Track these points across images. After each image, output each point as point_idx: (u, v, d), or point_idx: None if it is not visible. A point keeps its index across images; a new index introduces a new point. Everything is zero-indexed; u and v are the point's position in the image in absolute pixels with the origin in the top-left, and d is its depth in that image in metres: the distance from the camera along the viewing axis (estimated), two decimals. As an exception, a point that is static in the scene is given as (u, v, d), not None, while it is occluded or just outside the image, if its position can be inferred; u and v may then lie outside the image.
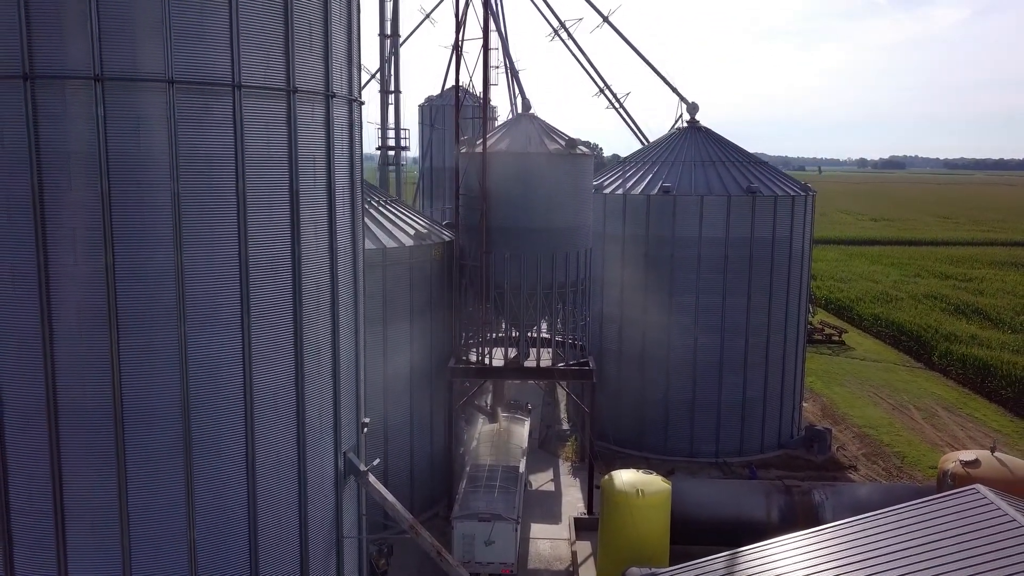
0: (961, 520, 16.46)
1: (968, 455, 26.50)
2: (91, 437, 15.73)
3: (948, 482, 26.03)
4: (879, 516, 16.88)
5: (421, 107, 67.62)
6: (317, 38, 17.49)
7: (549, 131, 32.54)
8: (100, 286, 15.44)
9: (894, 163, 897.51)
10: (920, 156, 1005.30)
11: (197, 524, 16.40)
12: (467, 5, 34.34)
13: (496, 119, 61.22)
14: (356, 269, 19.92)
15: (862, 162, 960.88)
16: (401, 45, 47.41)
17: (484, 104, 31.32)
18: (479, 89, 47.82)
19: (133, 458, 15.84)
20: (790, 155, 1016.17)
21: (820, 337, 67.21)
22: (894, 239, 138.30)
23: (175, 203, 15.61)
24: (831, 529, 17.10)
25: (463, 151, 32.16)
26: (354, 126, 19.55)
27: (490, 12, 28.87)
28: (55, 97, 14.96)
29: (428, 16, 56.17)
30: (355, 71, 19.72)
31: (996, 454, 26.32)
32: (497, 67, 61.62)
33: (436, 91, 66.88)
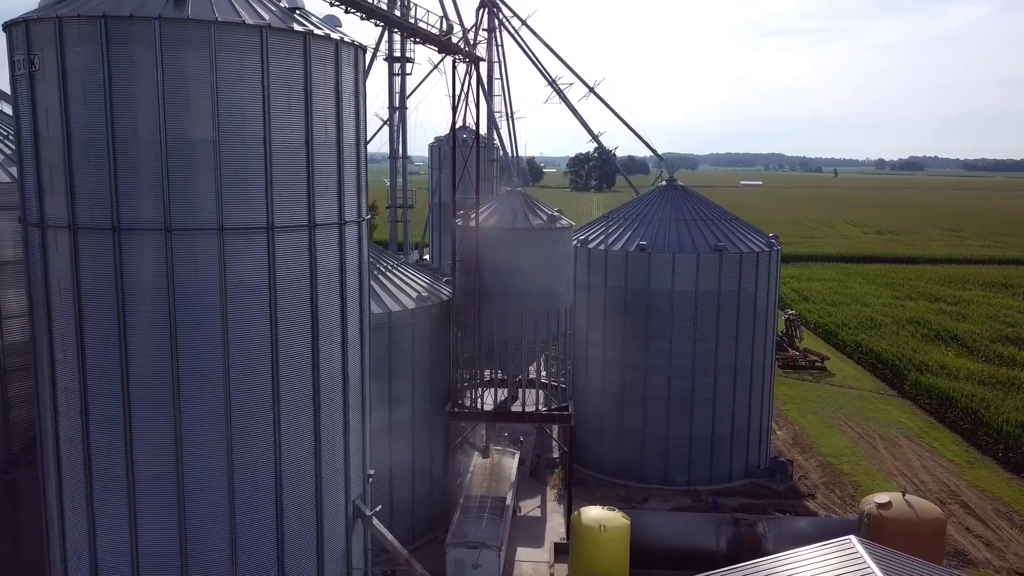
0: (830, 571, 20.97)
1: (882, 497, 31.01)
2: (158, 497, 20.71)
3: (864, 521, 30.60)
4: (765, 563, 21.39)
5: (431, 147, 72.60)
6: (332, 183, 22.35)
7: (533, 207, 37.37)
8: (167, 382, 20.40)
9: (912, 164, 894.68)
10: (939, 157, 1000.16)
11: (239, 562, 21.34)
12: (464, 90, 39.14)
13: (497, 161, 65.92)
14: (363, 355, 24.78)
15: (880, 163, 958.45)
16: (409, 96, 52.44)
17: (476, 194, 36.07)
18: (484, 126, 52.91)
19: (191, 513, 20.81)
20: (807, 155, 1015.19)
21: (804, 363, 71.48)
22: (894, 256, 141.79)
23: (223, 319, 20.55)
24: (723, 572, 21.60)
25: (459, 224, 37.06)
26: (362, 240, 24.41)
27: (494, 122, 33.49)
28: (135, 244, 19.93)
29: (436, 67, 60.92)
30: (363, 195, 24.52)
31: (906, 497, 30.85)
32: (500, 113, 66.72)
33: (445, 131, 71.82)
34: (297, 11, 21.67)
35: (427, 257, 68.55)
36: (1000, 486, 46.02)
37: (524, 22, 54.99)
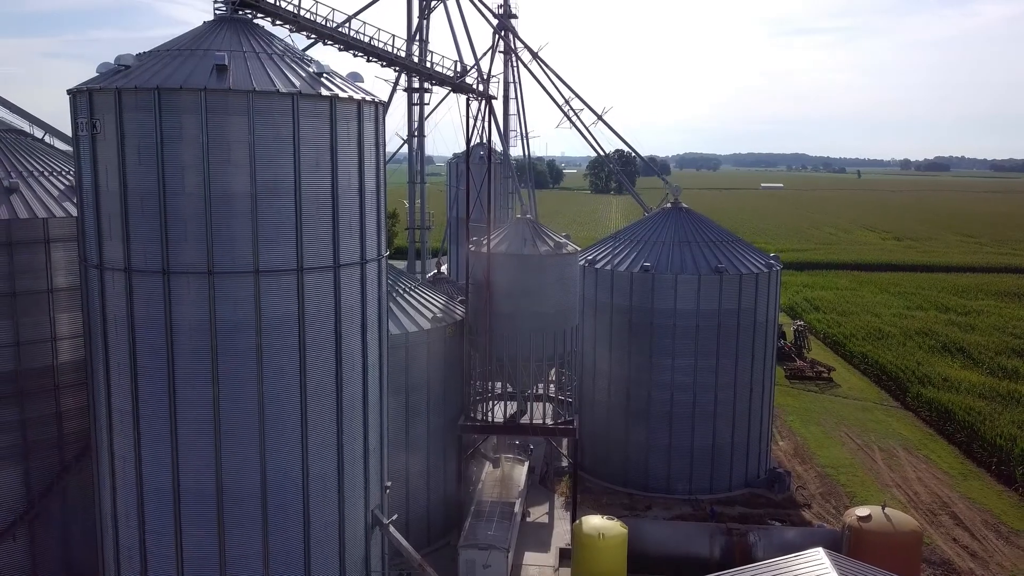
0: (798, 580, 23.25)
1: (864, 511, 33.19)
2: (200, 510, 23.45)
3: (846, 533, 32.81)
4: (740, 572, 23.72)
5: (449, 163, 75.23)
6: (355, 227, 24.99)
7: (541, 234, 39.90)
8: (208, 405, 23.13)
9: (938, 165, 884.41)
10: (967, 157, 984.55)
11: (271, 566, 24.04)
12: (478, 123, 41.65)
13: (512, 178, 68.31)
14: (381, 377, 27.40)
15: (905, 163, 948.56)
16: (427, 117, 55.11)
17: (488, 223, 38.60)
18: (498, 143, 55.46)
19: (229, 521, 23.54)
20: (831, 155, 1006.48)
21: (811, 374, 73.30)
22: (909, 264, 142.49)
23: (258, 350, 23.25)
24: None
25: (472, 250, 39.68)
26: (381, 276, 27.03)
27: (508, 151, 35.87)
28: (181, 285, 22.68)
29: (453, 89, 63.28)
30: (381, 233, 27.11)
31: (886, 510, 33.02)
32: (515, 132, 69.27)
33: (462, 147, 74.35)
34: (324, 75, 24.30)
35: (444, 268, 71.15)
36: (991, 498, 47.84)
37: (536, 55, 57.41)
